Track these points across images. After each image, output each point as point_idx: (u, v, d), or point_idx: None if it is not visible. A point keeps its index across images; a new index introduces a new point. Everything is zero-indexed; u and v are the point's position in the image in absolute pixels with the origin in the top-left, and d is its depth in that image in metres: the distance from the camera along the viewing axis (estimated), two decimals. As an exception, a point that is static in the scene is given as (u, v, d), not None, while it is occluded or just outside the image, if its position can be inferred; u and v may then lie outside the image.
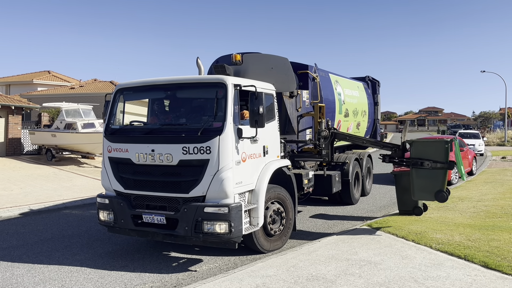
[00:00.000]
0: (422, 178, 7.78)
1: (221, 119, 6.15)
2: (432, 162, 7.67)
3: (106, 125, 7.05)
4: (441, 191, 7.60)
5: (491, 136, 42.09)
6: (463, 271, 5.61)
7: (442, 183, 7.64)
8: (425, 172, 7.74)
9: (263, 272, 5.78)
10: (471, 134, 28.65)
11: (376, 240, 7.18)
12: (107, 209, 6.77)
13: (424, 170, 7.75)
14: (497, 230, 7.60)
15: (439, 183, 7.64)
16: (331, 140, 8.67)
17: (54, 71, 42.05)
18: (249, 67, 7.75)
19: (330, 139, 8.57)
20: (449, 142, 7.83)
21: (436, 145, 7.76)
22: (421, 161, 7.76)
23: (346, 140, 8.97)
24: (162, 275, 6.15)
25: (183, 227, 6.10)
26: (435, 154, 7.71)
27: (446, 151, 7.66)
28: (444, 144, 7.70)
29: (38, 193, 13.28)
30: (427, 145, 7.88)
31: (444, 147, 7.67)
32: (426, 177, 7.73)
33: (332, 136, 8.60)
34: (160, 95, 7.16)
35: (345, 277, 5.49)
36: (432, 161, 7.67)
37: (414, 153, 7.89)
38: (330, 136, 8.55)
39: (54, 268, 6.53)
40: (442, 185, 7.62)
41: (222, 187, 6.00)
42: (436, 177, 7.68)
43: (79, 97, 27.80)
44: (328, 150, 8.58)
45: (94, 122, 20.31)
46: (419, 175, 7.80)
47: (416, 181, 7.85)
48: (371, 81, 14.62)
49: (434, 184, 7.67)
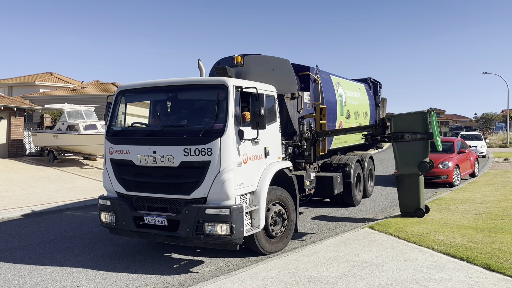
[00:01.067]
0: (404, 152, 7.95)
1: (222, 120, 6.15)
2: (412, 134, 7.83)
3: (108, 126, 7.07)
4: (424, 162, 7.72)
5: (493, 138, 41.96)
6: (465, 273, 5.59)
7: (424, 154, 7.76)
8: (406, 145, 7.88)
9: (264, 273, 5.78)
10: (473, 136, 28.59)
11: (378, 242, 7.17)
12: (109, 211, 6.78)
13: (405, 143, 7.91)
14: (499, 232, 7.57)
15: (421, 154, 7.75)
16: (313, 141, 8.70)
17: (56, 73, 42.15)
18: (251, 69, 7.76)
19: (312, 140, 8.59)
20: (427, 113, 7.89)
21: (414, 117, 7.87)
22: (401, 135, 7.89)
23: (328, 135, 8.89)
24: (163, 277, 6.15)
25: (185, 229, 6.11)
26: (414, 126, 7.81)
27: (424, 121, 7.80)
28: (421, 115, 7.84)
29: (40, 194, 13.31)
30: (406, 118, 7.98)
31: (422, 118, 7.82)
32: (408, 150, 7.91)
33: (314, 138, 8.63)
34: (161, 96, 7.17)
35: (346, 279, 5.48)
36: (412, 133, 7.81)
37: (394, 128, 8.03)
38: (312, 137, 8.57)
39: (56, 269, 6.54)
40: (424, 156, 7.74)
41: (224, 188, 6.00)
42: (417, 149, 7.82)
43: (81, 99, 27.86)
44: (310, 152, 8.61)
45: (96, 123, 20.35)
46: (401, 149, 7.96)
47: (399, 155, 7.97)
48: (373, 82, 14.60)
49: (417, 156, 7.82)
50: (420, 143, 7.79)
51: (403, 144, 7.88)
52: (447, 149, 16.15)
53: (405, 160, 7.92)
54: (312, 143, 8.66)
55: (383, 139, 8.53)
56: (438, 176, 14.40)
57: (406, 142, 7.87)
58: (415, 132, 7.77)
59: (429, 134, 7.75)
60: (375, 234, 7.73)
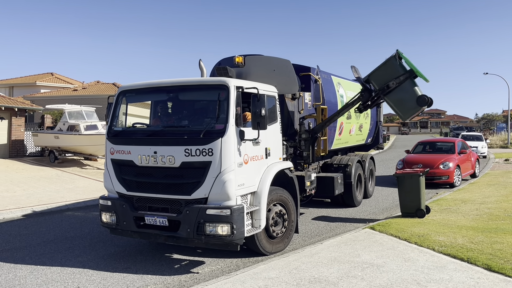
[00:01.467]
0: (398, 100, 7.98)
1: (223, 121, 6.15)
2: (394, 79, 7.88)
3: (109, 127, 7.07)
4: (421, 96, 7.80)
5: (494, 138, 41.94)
6: (466, 273, 5.59)
7: (417, 90, 7.83)
8: (396, 92, 7.93)
9: (265, 274, 5.78)
10: (474, 136, 28.55)
11: (379, 243, 7.17)
12: (110, 211, 6.78)
13: (394, 91, 7.95)
14: (500, 232, 7.57)
15: (414, 92, 7.83)
16: (312, 142, 8.70)
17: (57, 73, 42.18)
18: (251, 69, 7.76)
19: (310, 140, 8.59)
20: (395, 55, 7.99)
21: (387, 65, 8.00)
22: (386, 86, 7.96)
23: (324, 126, 8.75)
24: (164, 277, 6.15)
25: (185, 229, 6.11)
26: (392, 73, 7.92)
27: (399, 64, 7.90)
28: (392, 60, 7.95)
29: (40, 194, 13.31)
30: (381, 71, 8.08)
31: (395, 61, 7.92)
32: (400, 95, 7.93)
33: (312, 138, 8.62)
34: (162, 97, 7.17)
35: (347, 279, 5.48)
36: (395, 79, 7.87)
37: (377, 84, 8.08)
38: (310, 137, 8.57)
39: (57, 270, 6.54)
40: (417, 93, 7.82)
41: (224, 189, 6.00)
42: (408, 89, 7.89)
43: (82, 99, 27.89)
44: (309, 152, 8.61)
45: (97, 124, 20.37)
46: (394, 98, 8.01)
47: (396, 106, 8.07)
48: (374, 83, 14.59)
49: (411, 96, 7.86)
50: (407, 83, 7.84)
51: (393, 94, 7.92)
52: (448, 150, 16.16)
53: (403, 106, 7.95)
54: (310, 143, 8.66)
55: (374, 100, 8.47)
56: (439, 176, 14.39)
57: (395, 90, 7.89)
58: (396, 77, 7.85)
59: (409, 71, 7.81)
60: (375, 235, 7.73)
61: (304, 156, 8.51)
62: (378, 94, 8.19)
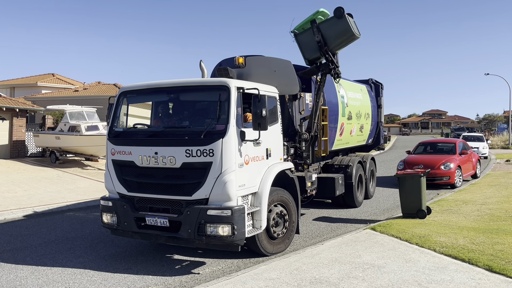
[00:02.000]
0: (334, 36, 8.27)
1: (224, 121, 6.15)
2: (338, 35, 8.21)
3: (110, 127, 7.08)
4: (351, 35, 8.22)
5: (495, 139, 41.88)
6: (467, 274, 5.58)
7: (353, 29, 8.15)
8: (332, 32, 8.23)
9: (266, 275, 5.78)
10: (475, 137, 28.53)
11: (380, 243, 7.16)
12: (111, 212, 6.78)
13: (331, 35, 8.24)
14: (502, 233, 7.56)
15: (351, 30, 8.13)
16: (312, 142, 8.69)
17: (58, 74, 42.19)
18: (252, 70, 7.76)
19: (310, 141, 8.58)
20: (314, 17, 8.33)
21: (309, 32, 8.36)
22: (324, 42, 8.26)
23: (314, 119, 8.67)
24: (165, 278, 6.15)
25: (186, 230, 6.11)
26: (333, 27, 8.20)
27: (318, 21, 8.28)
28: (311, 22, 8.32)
29: (42, 195, 13.33)
30: (308, 36, 8.39)
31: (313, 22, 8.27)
32: (335, 32, 8.22)
33: (312, 138, 8.62)
34: (163, 98, 7.18)
35: (348, 280, 5.48)
36: (338, 34, 8.19)
37: (331, 43, 8.29)
38: (311, 138, 8.57)
39: (58, 270, 6.54)
40: (354, 30, 8.20)
41: (225, 189, 6.00)
42: (344, 29, 8.16)
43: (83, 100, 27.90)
44: (309, 152, 8.61)
45: (98, 124, 20.39)
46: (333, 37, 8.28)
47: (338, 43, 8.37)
48: (374, 83, 14.60)
49: (346, 30, 8.15)
50: (339, 23, 8.13)
51: (332, 39, 8.22)
52: (449, 150, 16.15)
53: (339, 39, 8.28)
54: (310, 144, 8.65)
55: (331, 66, 8.51)
56: (440, 177, 14.39)
57: (331, 33, 8.21)
58: (324, 32, 8.19)
59: (335, 13, 8.10)
60: (376, 236, 7.72)
61: (304, 157, 8.52)
62: (322, 51, 8.35)
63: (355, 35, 8.25)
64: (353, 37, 8.28)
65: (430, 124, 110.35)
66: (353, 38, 8.30)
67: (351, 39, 8.34)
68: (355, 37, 8.30)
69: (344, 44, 8.44)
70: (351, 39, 8.33)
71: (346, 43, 8.43)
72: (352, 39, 8.33)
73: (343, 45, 8.47)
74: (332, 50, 8.37)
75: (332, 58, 8.43)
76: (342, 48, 8.54)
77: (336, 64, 8.58)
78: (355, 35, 8.25)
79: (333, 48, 8.37)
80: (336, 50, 8.50)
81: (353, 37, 8.29)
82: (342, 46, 8.50)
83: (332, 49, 8.36)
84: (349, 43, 8.44)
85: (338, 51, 8.60)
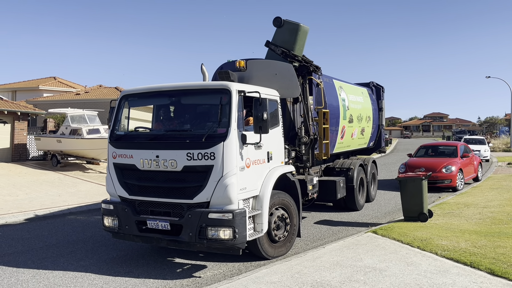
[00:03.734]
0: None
1: (225, 125, 6.16)
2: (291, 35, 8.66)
3: (111, 131, 7.09)
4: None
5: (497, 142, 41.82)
6: (469, 278, 5.57)
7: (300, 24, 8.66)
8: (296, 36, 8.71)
9: (267, 278, 5.77)
10: (476, 140, 28.51)
11: (381, 247, 7.15)
12: (112, 215, 6.79)
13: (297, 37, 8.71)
14: (503, 236, 7.54)
15: (298, 25, 8.66)
16: (312, 145, 8.70)
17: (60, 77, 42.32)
18: (253, 73, 7.77)
19: (310, 144, 8.59)
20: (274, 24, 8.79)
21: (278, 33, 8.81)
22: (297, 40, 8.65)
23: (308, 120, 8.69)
24: (166, 281, 6.15)
25: (187, 233, 6.11)
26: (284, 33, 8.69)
27: None
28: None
29: (43, 198, 13.34)
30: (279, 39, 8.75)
31: None
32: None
33: (311, 141, 8.63)
34: (164, 101, 7.19)
35: (350, 284, 5.46)
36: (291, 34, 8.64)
37: (293, 46, 8.69)
38: (310, 141, 8.57)
39: (59, 274, 6.54)
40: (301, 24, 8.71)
41: (226, 193, 6.00)
42: (291, 28, 8.68)
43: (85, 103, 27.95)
44: (309, 156, 8.62)
45: (99, 128, 20.42)
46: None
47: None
48: (375, 86, 14.61)
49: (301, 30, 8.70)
50: (285, 28, 8.71)
51: (290, 43, 8.65)
52: (450, 153, 16.13)
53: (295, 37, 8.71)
54: (310, 147, 8.65)
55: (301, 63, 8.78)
56: (441, 180, 14.36)
57: (286, 38, 8.69)
58: (280, 43, 8.68)
59: (275, 23, 8.69)
60: (378, 239, 7.71)
61: (304, 160, 8.52)
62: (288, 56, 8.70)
63: (304, 28, 8.79)
64: (304, 29, 8.79)
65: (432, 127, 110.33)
66: (304, 30, 8.82)
67: (304, 32, 8.83)
68: (306, 29, 8.83)
69: (302, 40, 8.85)
70: (303, 32, 8.80)
71: (303, 38, 8.86)
72: (304, 32, 8.83)
73: (302, 41, 8.87)
74: (297, 51, 8.72)
75: (302, 58, 8.78)
76: (303, 44, 8.92)
77: (309, 61, 8.95)
78: (304, 28, 8.79)
79: (297, 49, 8.73)
80: (301, 50, 8.87)
81: (304, 30, 8.81)
82: (302, 42, 8.87)
83: (297, 50, 8.72)
84: (305, 37, 8.90)
85: (303, 49, 8.95)
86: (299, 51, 8.76)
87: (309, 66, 8.83)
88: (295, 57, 8.59)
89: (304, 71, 8.74)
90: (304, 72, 8.74)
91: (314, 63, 9.03)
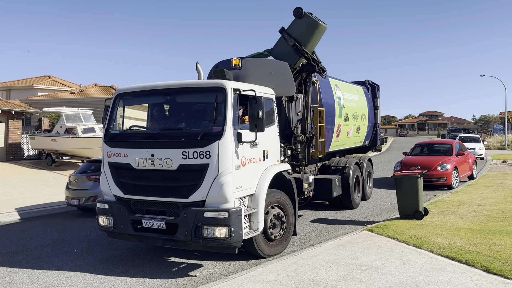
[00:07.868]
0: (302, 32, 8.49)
1: (220, 123, 6.14)
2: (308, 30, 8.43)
3: (106, 130, 7.05)
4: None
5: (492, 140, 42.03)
6: (464, 275, 5.58)
7: (318, 21, 8.40)
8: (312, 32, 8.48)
9: (263, 277, 5.76)
10: (471, 138, 28.61)
11: (377, 245, 7.15)
12: (107, 214, 6.75)
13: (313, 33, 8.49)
14: (499, 234, 7.57)
15: (317, 22, 8.39)
16: (307, 144, 8.69)
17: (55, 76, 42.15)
18: (249, 72, 7.75)
19: (305, 143, 8.59)
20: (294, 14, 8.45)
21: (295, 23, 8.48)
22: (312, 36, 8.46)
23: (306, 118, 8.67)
24: (162, 280, 6.12)
25: (183, 232, 6.08)
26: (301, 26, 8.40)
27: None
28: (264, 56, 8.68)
29: (38, 198, 13.26)
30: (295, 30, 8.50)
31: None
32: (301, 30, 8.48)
33: (307, 140, 8.62)
34: (159, 100, 7.16)
35: (346, 282, 5.46)
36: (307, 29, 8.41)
37: (305, 41, 8.45)
38: (306, 140, 8.57)
39: (54, 274, 6.50)
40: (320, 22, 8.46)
41: (222, 191, 5.98)
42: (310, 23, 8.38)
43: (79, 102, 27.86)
44: (304, 154, 8.61)
45: (94, 127, 20.35)
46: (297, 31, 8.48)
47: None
48: (371, 85, 14.64)
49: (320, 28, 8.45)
50: (304, 21, 8.38)
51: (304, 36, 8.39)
52: (445, 152, 16.18)
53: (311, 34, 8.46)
54: (306, 145, 8.66)
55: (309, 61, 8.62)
56: (436, 178, 14.40)
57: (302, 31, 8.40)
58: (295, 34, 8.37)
59: (295, 14, 8.37)
60: (374, 237, 7.72)
61: (300, 158, 8.52)
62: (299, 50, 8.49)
63: (322, 26, 8.52)
64: (322, 27, 8.53)
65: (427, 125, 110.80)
66: (322, 29, 8.56)
67: (321, 31, 8.57)
68: (323, 28, 8.57)
69: (317, 38, 8.61)
70: (321, 30, 8.55)
71: (318, 36, 8.62)
72: (322, 30, 8.57)
73: (317, 39, 8.64)
74: (309, 47, 8.51)
75: (312, 56, 8.59)
76: (316, 42, 8.71)
77: (318, 60, 8.75)
78: (322, 26, 8.52)
79: (309, 45, 8.51)
80: (312, 47, 8.65)
81: (322, 28, 8.54)
82: (316, 40, 8.65)
83: (309, 47, 8.50)
84: (321, 35, 8.65)
85: (315, 47, 8.75)
86: (310, 48, 8.54)
87: (316, 66, 8.63)
88: (305, 53, 8.40)
89: (309, 69, 8.61)
90: (309, 71, 8.63)
91: (321, 64, 8.80)
